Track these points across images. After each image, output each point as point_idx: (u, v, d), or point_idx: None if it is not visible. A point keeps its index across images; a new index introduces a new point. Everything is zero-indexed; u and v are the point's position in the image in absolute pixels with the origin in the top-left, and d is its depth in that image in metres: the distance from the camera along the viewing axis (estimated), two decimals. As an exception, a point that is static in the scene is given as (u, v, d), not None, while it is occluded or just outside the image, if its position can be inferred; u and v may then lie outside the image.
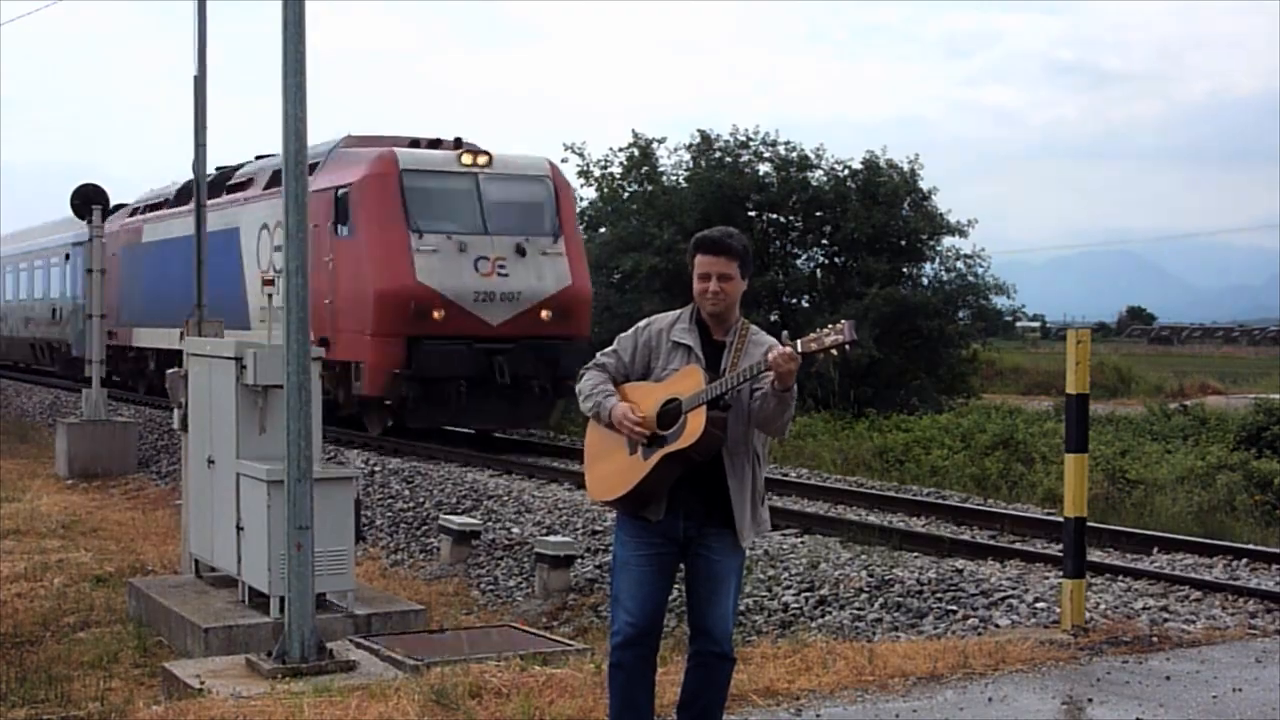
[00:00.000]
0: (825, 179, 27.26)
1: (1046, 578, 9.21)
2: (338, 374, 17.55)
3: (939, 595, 9.07)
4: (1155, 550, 10.49)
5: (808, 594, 9.52)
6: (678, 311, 4.75)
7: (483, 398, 17.01)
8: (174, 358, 13.68)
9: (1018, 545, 10.69)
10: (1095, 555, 9.55)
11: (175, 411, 10.76)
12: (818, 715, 5.65)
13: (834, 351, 4.36)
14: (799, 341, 4.37)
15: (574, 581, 10.71)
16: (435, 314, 16.80)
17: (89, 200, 20.50)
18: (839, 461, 17.25)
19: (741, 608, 8.99)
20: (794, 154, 27.38)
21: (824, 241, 27.92)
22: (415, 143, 18.70)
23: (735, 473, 4.55)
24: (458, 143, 18.49)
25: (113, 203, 22.91)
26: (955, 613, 8.71)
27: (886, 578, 9.56)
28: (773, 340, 4.53)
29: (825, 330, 4.34)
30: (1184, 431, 19.24)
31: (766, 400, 4.42)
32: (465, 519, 12.52)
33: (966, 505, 13.07)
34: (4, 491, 16.98)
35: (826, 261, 28.18)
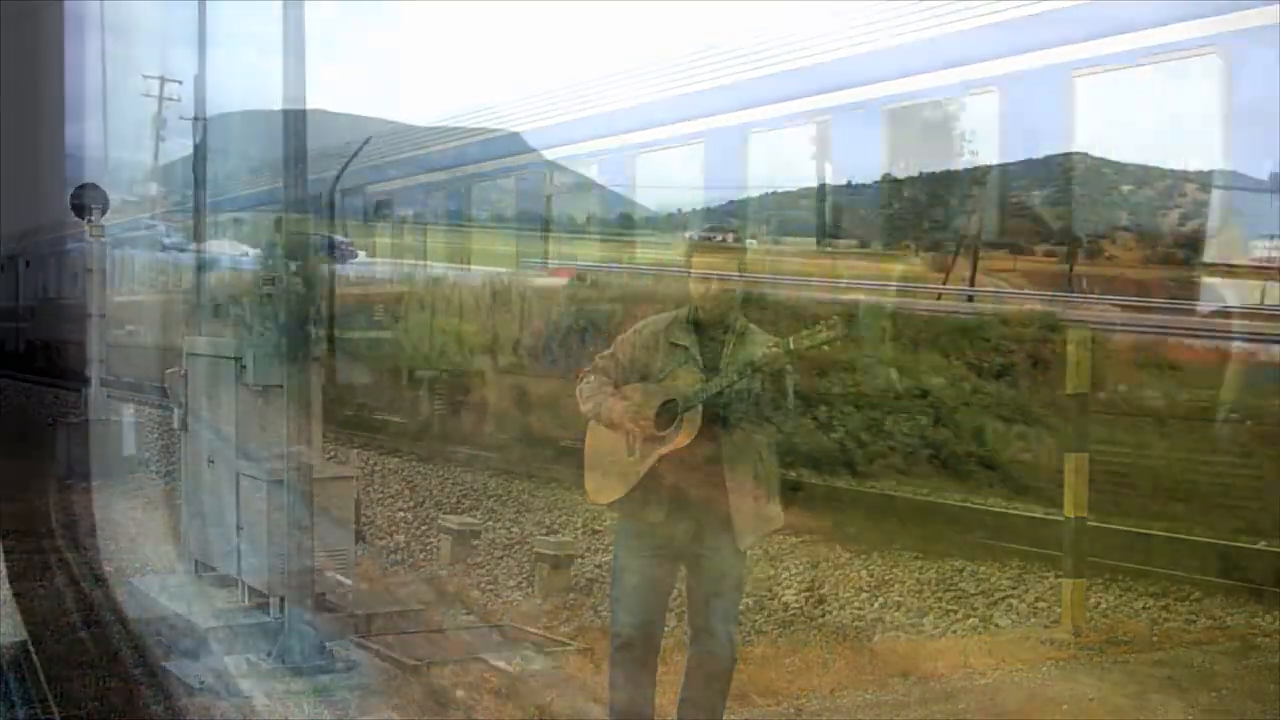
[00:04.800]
0: None
1: (1046, 577, 9.20)
2: None
3: (939, 595, 9.07)
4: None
5: (808, 594, 9.52)
6: (674, 312, 4.73)
7: None
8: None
9: (1018, 545, 10.68)
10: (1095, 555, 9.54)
11: (175, 411, 10.75)
12: (818, 715, 5.65)
13: (825, 346, 4.37)
14: (790, 338, 4.37)
15: (574, 581, 10.70)
16: None
17: (89, 200, 20.48)
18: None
19: (741, 608, 8.99)
20: None
21: None
22: None
23: (735, 473, 4.54)
24: None
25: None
26: (955, 613, 8.70)
27: (886, 578, 9.56)
28: (770, 338, 4.52)
29: (817, 326, 4.35)
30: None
31: (760, 400, 4.41)
32: (465, 519, 12.51)
33: (966, 505, 13.05)
34: (4, 491, 16.97)
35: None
